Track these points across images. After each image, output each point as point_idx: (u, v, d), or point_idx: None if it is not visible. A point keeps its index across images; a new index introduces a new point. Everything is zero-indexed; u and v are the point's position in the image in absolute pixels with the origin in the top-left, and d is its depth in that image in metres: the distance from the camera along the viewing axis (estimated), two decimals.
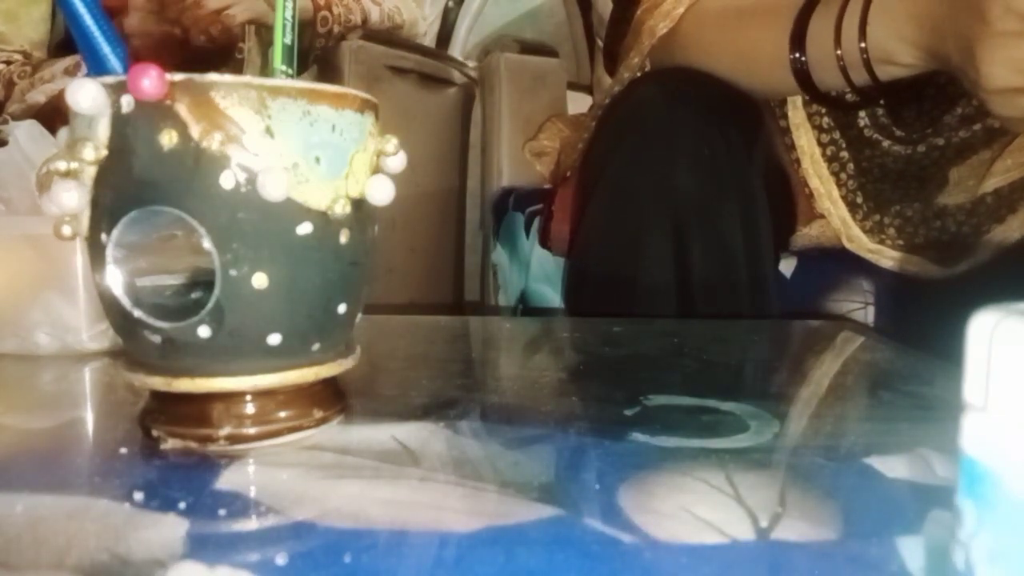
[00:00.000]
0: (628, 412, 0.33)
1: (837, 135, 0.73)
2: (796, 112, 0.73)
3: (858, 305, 0.76)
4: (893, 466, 0.27)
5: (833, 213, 0.73)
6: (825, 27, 0.58)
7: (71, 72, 1.01)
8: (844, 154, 0.73)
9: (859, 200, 0.73)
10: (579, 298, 0.70)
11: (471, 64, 1.31)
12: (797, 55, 0.60)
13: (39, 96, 1.00)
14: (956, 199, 0.69)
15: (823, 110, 0.72)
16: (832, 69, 0.59)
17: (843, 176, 0.73)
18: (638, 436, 0.30)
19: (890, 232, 0.72)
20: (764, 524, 0.22)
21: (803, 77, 0.61)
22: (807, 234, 0.77)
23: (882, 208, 0.72)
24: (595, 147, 0.72)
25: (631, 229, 0.63)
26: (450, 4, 1.44)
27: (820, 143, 0.73)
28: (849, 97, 0.63)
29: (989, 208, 0.68)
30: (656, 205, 0.62)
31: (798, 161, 0.74)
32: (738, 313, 0.63)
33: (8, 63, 1.09)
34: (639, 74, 0.74)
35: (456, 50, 1.42)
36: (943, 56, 0.52)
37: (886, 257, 0.72)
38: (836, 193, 0.73)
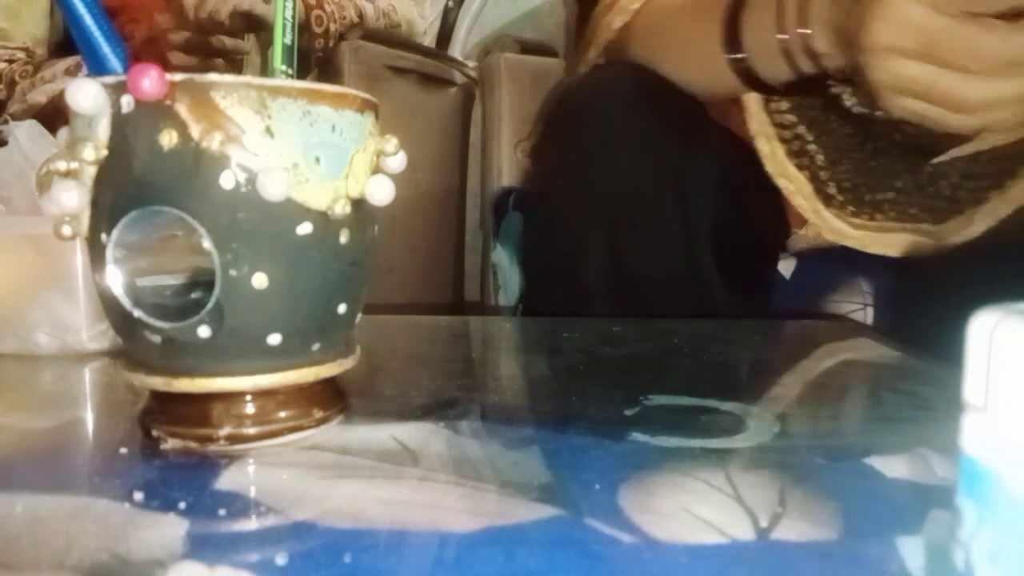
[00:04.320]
0: (628, 412, 0.33)
1: (802, 129, 0.71)
2: (751, 119, 0.72)
3: (857, 306, 0.76)
4: (893, 466, 0.27)
5: (807, 207, 0.71)
6: (764, 17, 0.57)
7: (72, 72, 1.00)
8: (812, 147, 0.71)
9: (831, 191, 0.70)
10: (533, 296, 0.71)
11: (471, 64, 1.31)
12: (736, 55, 0.59)
13: (40, 96, 1.00)
14: (950, 155, 0.65)
15: (782, 107, 0.70)
16: (774, 58, 0.57)
17: (813, 169, 0.71)
18: (638, 436, 0.30)
19: (884, 208, 0.69)
20: (764, 524, 0.22)
21: (744, 72, 0.60)
22: (803, 236, 0.76)
23: (871, 184, 0.70)
24: (541, 144, 0.72)
25: (571, 224, 0.64)
26: (450, 4, 1.44)
27: (783, 140, 0.71)
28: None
29: (987, 172, 0.65)
30: (592, 197, 0.62)
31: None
32: (680, 313, 0.63)
33: (11, 62, 1.09)
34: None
35: (456, 50, 1.42)
36: (845, 31, 0.49)
37: (875, 241, 0.69)
38: (808, 189, 0.71)
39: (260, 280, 0.26)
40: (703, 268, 0.64)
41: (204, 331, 0.26)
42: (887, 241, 0.68)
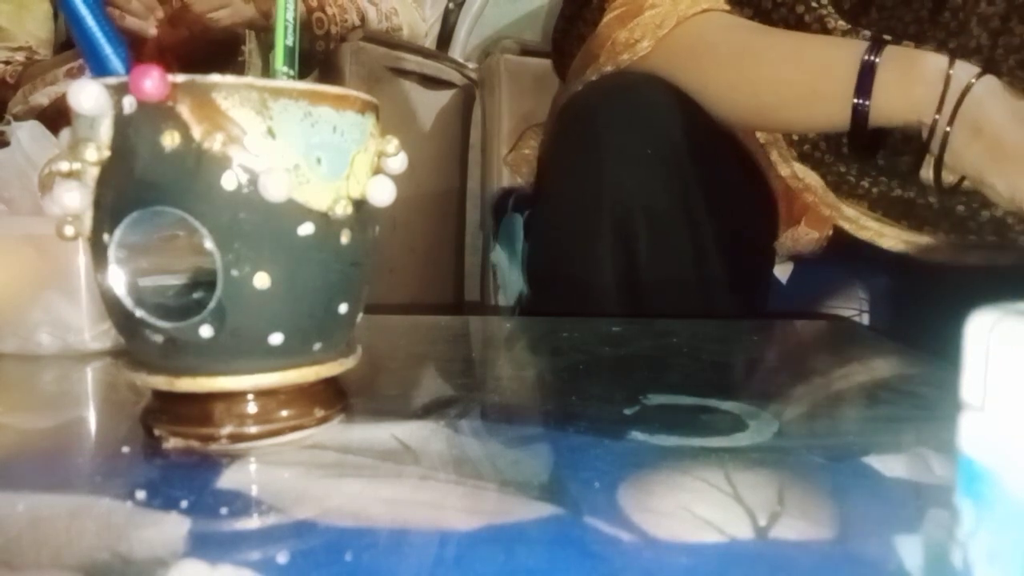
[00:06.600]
0: (628, 412, 0.33)
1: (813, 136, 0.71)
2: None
3: (853, 311, 0.76)
4: (892, 466, 0.27)
5: (819, 201, 0.69)
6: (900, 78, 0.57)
7: (74, 74, 1.01)
8: (827, 156, 0.71)
9: (850, 178, 0.70)
10: (536, 300, 0.71)
11: (471, 65, 1.31)
12: (861, 100, 0.58)
13: (42, 98, 1.00)
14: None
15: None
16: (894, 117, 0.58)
17: (824, 167, 0.70)
18: (638, 436, 0.30)
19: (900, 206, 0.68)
20: (763, 523, 0.22)
21: (861, 118, 0.59)
22: (783, 243, 0.75)
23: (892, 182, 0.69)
24: (544, 152, 0.72)
25: (580, 233, 0.64)
26: (450, 6, 1.44)
27: (790, 143, 0.71)
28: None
29: None
30: (597, 205, 0.62)
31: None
32: (685, 314, 0.63)
33: (7, 63, 1.09)
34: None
35: (456, 51, 1.42)
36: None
37: (891, 234, 0.67)
38: (820, 183, 0.69)
39: (262, 280, 0.26)
40: (710, 271, 0.64)
41: (206, 331, 0.26)
42: (903, 236, 0.67)
